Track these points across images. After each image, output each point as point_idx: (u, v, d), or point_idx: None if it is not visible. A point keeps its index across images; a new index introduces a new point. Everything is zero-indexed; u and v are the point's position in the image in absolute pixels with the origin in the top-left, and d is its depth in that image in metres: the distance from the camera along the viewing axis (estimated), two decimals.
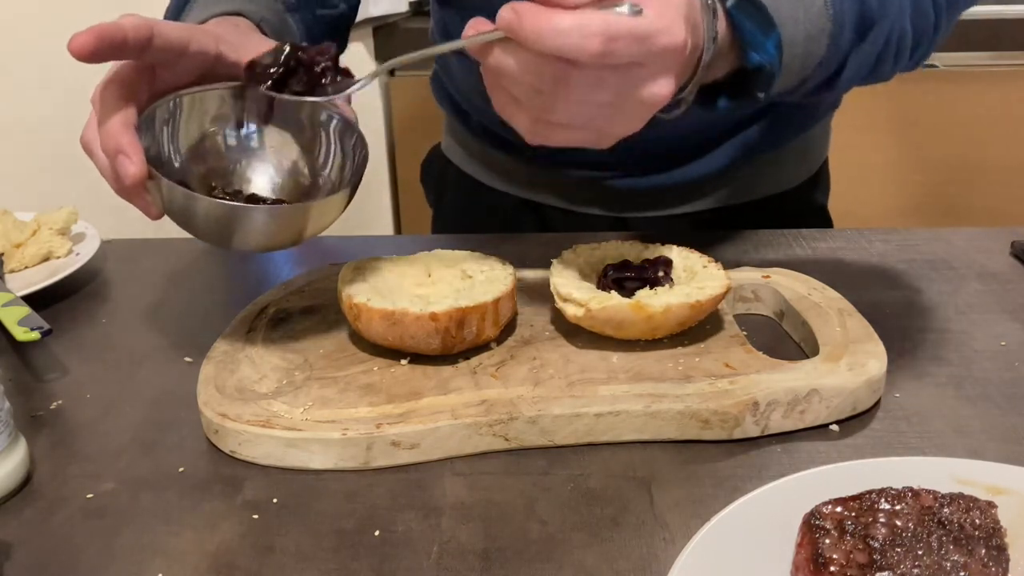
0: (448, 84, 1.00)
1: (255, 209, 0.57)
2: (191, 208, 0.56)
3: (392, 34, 1.80)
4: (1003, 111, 1.76)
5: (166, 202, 0.57)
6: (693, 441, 0.57)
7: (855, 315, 0.66)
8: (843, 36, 0.61)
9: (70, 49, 0.53)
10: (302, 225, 0.58)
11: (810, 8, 0.59)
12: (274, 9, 0.74)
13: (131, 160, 0.55)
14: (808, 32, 0.59)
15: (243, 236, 0.57)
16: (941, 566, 0.40)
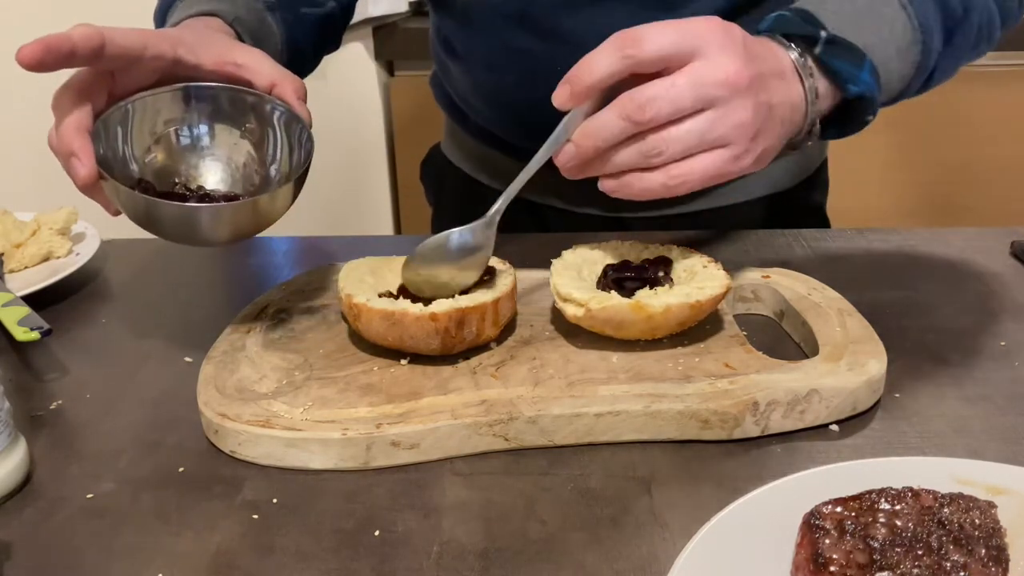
0: (447, 85, 1.00)
1: (202, 208, 0.59)
2: (142, 209, 0.59)
3: (392, 34, 1.80)
4: (1003, 111, 1.76)
5: (122, 203, 0.59)
6: (693, 441, 0.57)
7: (855, 315, 0.66)
8: (933, 40, 0.64)
9: (18, 59, 0.55)
10: (254, 218, 0.61)
11: (894, 24, 0.62)
12: (252, 8, 0.75)
13: (81, 163, 0.57)
14: (898, 47, 0.63)
15: (199, 233, 0.60)
16: (941, 566, 0.40)
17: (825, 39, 0.60)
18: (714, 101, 0.55)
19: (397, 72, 1.87)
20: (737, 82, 0.55)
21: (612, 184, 0.59)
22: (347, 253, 0.72)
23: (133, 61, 0.59)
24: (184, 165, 0.66)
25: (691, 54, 0.55)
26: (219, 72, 0.64)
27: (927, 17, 0.63)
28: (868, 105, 0.62)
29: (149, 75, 0.62)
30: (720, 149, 0.56)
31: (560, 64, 0.71)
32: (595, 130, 0.57)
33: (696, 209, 0.93)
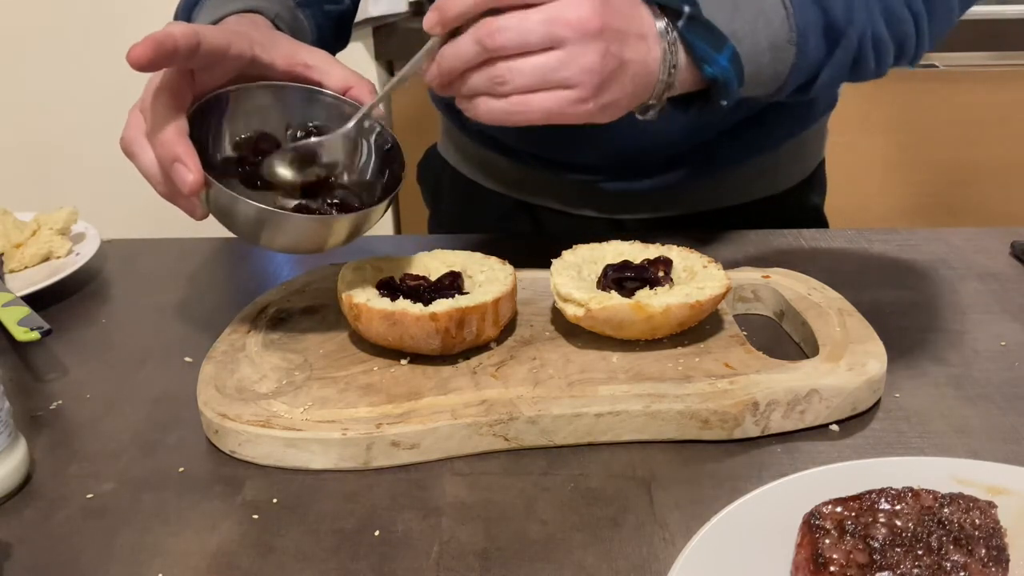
0: None
1: (290, 217, 0.59)
2: (233, 209, 0.58)
3: (392, 34, 1.80)
4: (1003, 111, 1.76)
5: (212, 203, 0.59)
6: (693, 441, 0.57)
7: (855, 315, 0.66)
8: (809, 44, 0.65)
9: (129, 59, 0.54)
10: (327, 236, 0.60)
11: (772, 21, 0.63)
12: (285, 5, 0.75)
13: (189, 169, 0.56)
14: (772, 43, 0.63)
15: (272, 238, 0.59)
16: (941, 566, 0.40)
17: (688, 15, 0.60)
18: (563, 41, 0.56)
19: (397, 72, 1.87)
20: (588, 27, 0.56)
21: (464, 104, 0.60)
22: (347, 253, 0.72)
23: (219, 59, 0.59)
24: (270, 164, 0.64)
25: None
26: (290, 72, 0.64)
27: (806, 20, 0.64)
28: (722, 90, 0.63)
29: (228, 73, 0.62)
30: (564, 90, 0.57)
31: None
32: (453, 52, 0.58)
33: (694, 211, 0.93)
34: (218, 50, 0.59)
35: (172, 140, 0.57)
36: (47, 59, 1.45)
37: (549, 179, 0.94)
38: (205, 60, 0.59)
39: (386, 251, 0.71)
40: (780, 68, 0.65)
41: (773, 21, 0.63)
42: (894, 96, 1.75)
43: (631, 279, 0.65)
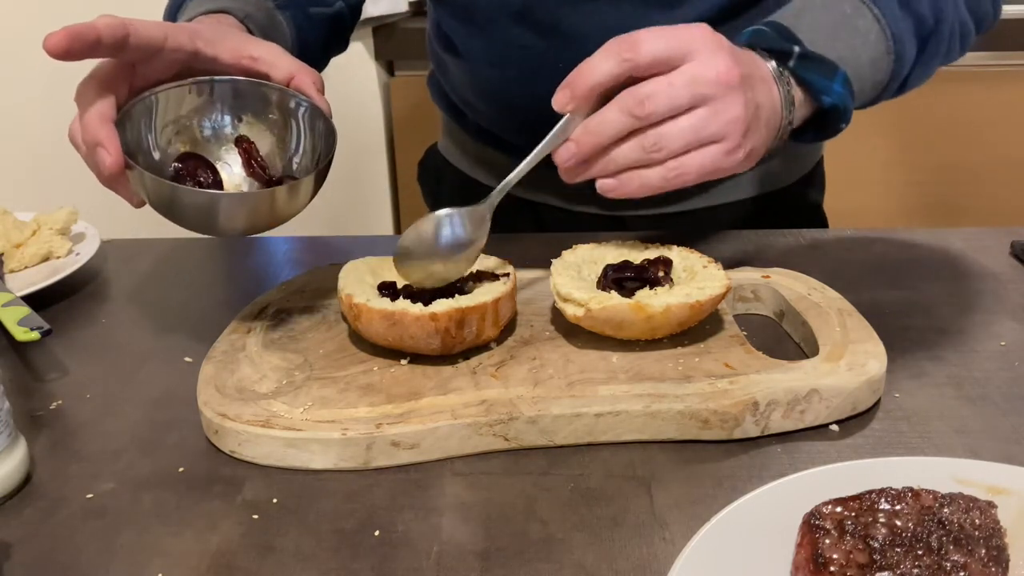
0: (444, 84, 0.99)
1: (225, 195, 0.61)
2: (167, 196, 0.59)
3: (392, 34, 1.80)
4: (1003, 111, 1.76)
5: (147, 192, 0.60)
6: (693, 441, 0.57)
7: (855, 315, 0.66)
8: (905, 50, 0.68)
9: (45, 47, 0.55)
10: (273, 210, 0.61)
11: (868, 36, 0.66)
12: (262, 6, 0.76)
13: (108, 151, 0.57)
14: (872, 58, 0.66)
15: (220, 222, 0.60)
16: (941, 566, 0.40)
17: (799, 54, 0.63)
18: (708, 99, 0.58)
19: (397, 72, 1.87)
20: (729, 80, 0.58)
21: (611, 183, 0.61)
22: (347, 253, 0.72)
23: (154, 52, 0.60)
24: (207, 157, 0.67)
25: (684, 56, 0.58)
26: (236, 66, 0.65)
27: (899, 29, 0.67)
28: (841, 114, 0.65)
29: (168, 67, 0.63)
30: (715, 144, 0.59)
31: (561, 61, 0.71)
32: (596, 126, 0.59)
33: (693, 208, 0.93)
34: (151, 43, 0.59)
35: (94, 125, 0.57)
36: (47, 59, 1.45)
37: (552, 175, 0.94)
38: (138, 53, 0.59)
39: (386, 251, 0.71)
40: (880, 78, 0.68)
41: (869, 37, 0.66)
42: None
43: (631, 279, 0.65)
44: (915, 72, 0.71)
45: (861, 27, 0.66)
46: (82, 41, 0.56)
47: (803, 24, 0.65)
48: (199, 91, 0.65)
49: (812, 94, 0.65)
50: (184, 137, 0.66)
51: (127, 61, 0.60)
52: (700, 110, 0.58)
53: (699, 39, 0.58)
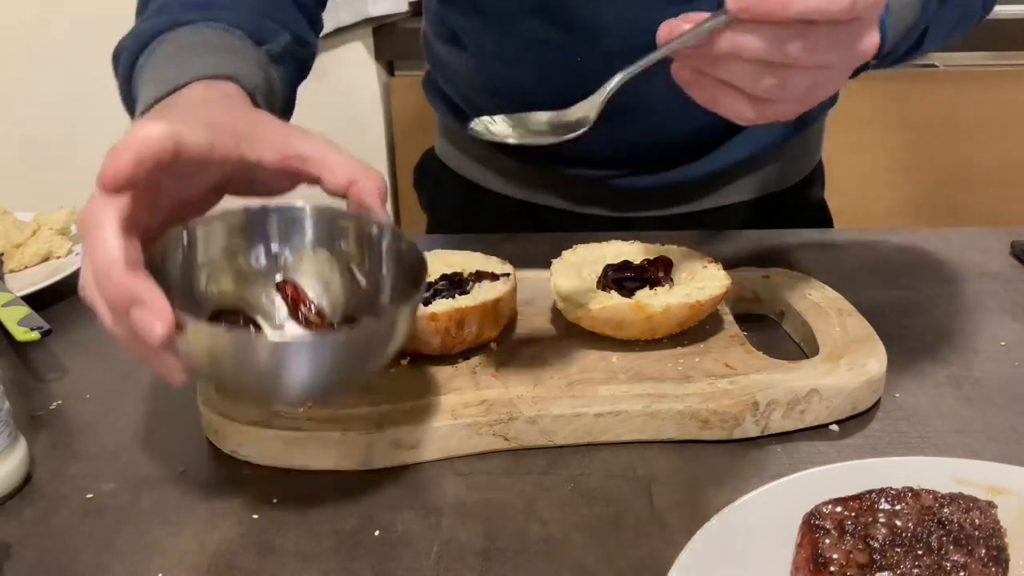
0: (444, 84, 0.98)
1: (323, 339, 0.46)
2: (231, 353, 0.43)
3: (392, 34, 1.80)
4: (1003, 111, 1.76)
5: (194, 354, 0.44)
6: (693, 441, 0.57)
7: (855, 315, 0.66)
8: (930, 2, 0.62)
9: (103, 185, 0.43)
10: (371, 352, 0.46)
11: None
12: (260, 64, 0.62)
13: (152, 311, 0.41)
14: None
15: (302, 377, 0.44)
16: (941, 566, 0.40)
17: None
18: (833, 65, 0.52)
19: (397, 72, 1.87)
20: (869, 53, 0.52)
21: (708, 95, 0.53)
22: None
23: (200, 167, 0.47)
24: (245, 310, 0.51)
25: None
26: (283, 168, 0.50)
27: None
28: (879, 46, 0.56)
29: (209, 180, 0.49)
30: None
31: (579, 55, 0.69)
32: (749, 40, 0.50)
33: (700, 208, 0.93)
34: (200, 156, 0.45)
35: (124, 278, 0.42)
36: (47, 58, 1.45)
37: (556, 176, 0.93)
38: (184, 169, 0.46)
39: None
40: (902, 26, 0.61)
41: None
42: (894, 96, 1.75)
43: (631, 279, 0.65)
44: (935, 23, 0.64)
45: None
46: (143, 167, 0.43)
47: None
48: (247, 221, 0.50)
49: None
50: (219, 283, 0.50)
51: (157, 180, 0.45)
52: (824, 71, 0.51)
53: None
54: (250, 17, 0.65)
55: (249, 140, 0.49)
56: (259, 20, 0.66)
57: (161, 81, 0.55)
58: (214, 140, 0.46)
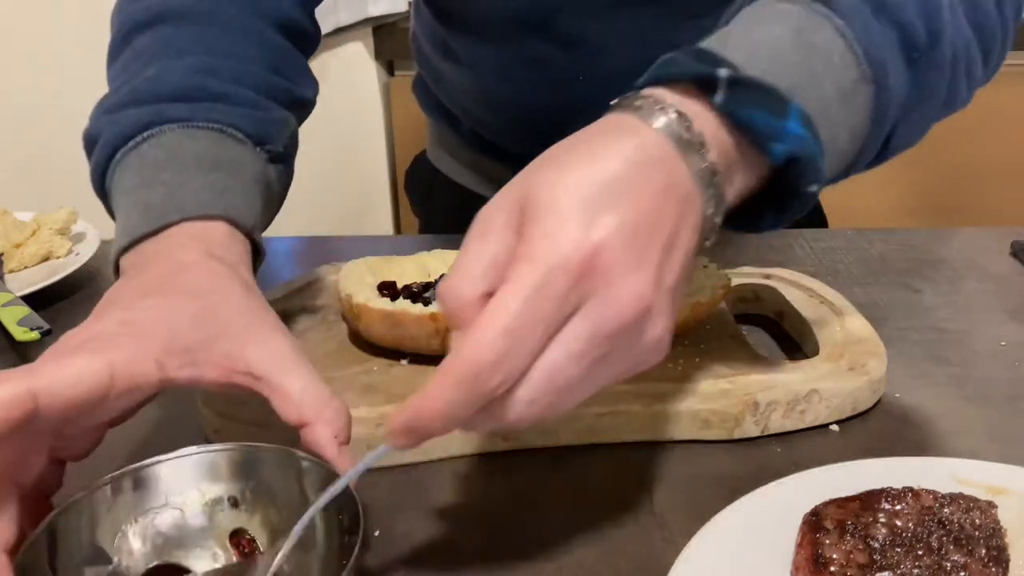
0: (438, 92, 0.96)
1: None
2: None
3: (391, 34, 1.80)
4: (1003, 111, 1.76)
5: None
6: (693, 441, 0.57)
7: (855, 315, 0.66)
8: (889, 77, 0.46)
9: None
10: None
11: (830, 57, 0.44)
12: (258, 177, 0.56)
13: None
14: (839, 88, 0.44)
15: None
16: (941, 566, 0.40)
17: (729, 80, 0.41)
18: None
19: (397, 72, 1.87)
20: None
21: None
22: (347, 253, 0.72)
23: (92, 409, 0.40)
24: (185, 566, 0.45)
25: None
26: (228, 384, 0.45)
27: (876, 45, 0.45)
28: (806, 168, 0.42)
29: (115, 412, 0.43)
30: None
31: (581, 73, 0.68)
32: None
33: None
34: (81, 403, 0.39)
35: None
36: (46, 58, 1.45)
37: None
38: (60, 423, 0.40)
39: (386, 251, 0.71)
40: (856, 120, 0.46)
41: (833, 59, 0.44)
42: None
43: None
44: (908, 113, 0.48)
45: (820, 44, 0.44)
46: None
47: (733, 43, 0.44)
48: (167, 471, 0.45)
49: (756, 142, 0.42)
50: (155, 539, 0.45)
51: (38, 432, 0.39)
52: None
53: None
54: (252, 107, 0.57)
55: (191, 353, 0.44)
56: (262, 112, 0.58)
57: (148, 208, 0.50)
58: (114, 373, 0.40)
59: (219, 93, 0.56)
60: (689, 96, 0.41)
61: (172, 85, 0.56)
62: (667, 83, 0.42)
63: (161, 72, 0.57)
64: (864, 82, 0.45)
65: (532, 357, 0.37)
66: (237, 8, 0.61)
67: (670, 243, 0.39)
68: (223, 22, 0.60)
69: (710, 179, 0.41)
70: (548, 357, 0.37)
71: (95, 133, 0.56)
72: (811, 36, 0.44)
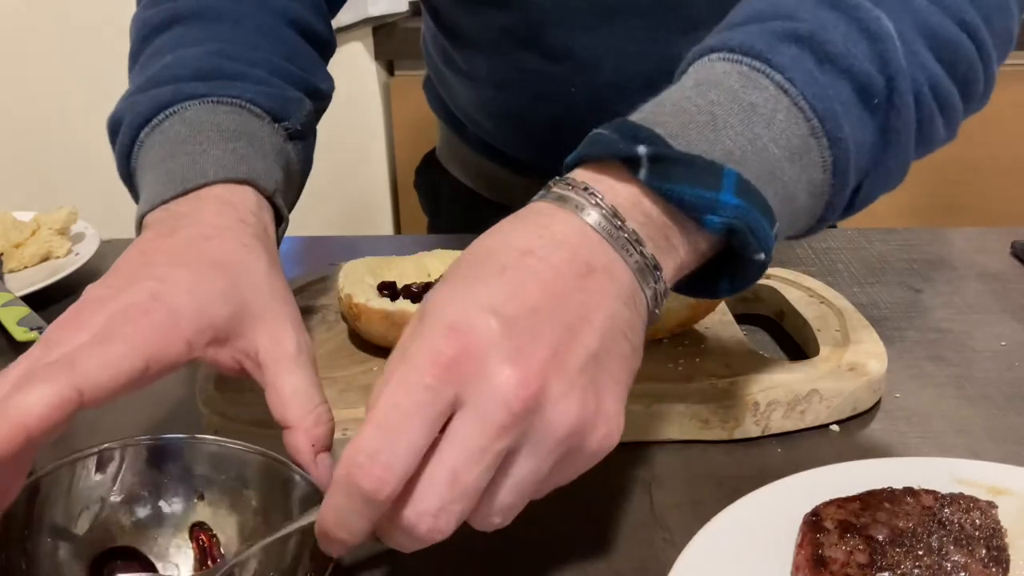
0: (444, 95, 0.97)
1: None
2: None
3: (391, 34, 1.80)
4: (1003, 111, 1.76)
5: None
6: (693, 441, 0.57)
7: (855, 315, 0.66)
8: (844, 127, 0.43)
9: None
10: None
11: (772, 116, 0.42)
12: (278, 148, 0.56)
13: None
14: (787, 147, 0.42)
15: None
16: (941, 566, 0.40)
17: (649, 156, 0.40)
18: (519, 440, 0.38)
19: (397, 72, 1.87)
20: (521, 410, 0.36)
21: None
22: (347, 253, 0.72)
23: (124, 393, 0.40)
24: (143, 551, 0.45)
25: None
26: (238, 371, 0.46)
27: (824, 95, 0.43)
28: (747, 238, 0.41)
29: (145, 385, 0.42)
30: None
31: (573, 85, 0.67)
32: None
33: None
34: (123, 391, 0.40)
35: None
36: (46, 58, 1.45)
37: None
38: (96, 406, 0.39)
39: (386, 251, 0.71)
40: (812, 175, 0.44)
41: (776, 117, 0.42)
42: None
43: None
44: (879, 161, 0.46)
45: (760, 103, 0.42)
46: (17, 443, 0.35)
47: (664, 114, 0.42)
48: (132, 455, 0.45)
49: (690, 216, 0.41)
50: (117, 524, 0.45)
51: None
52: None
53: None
54: (267, 86, 0.58)
55: (220, 334, 0.44)
56: (277, 89, 0.58)
57: (172, 176, 0.51)
58: (149, 357, 0.40)
59: (235, 72, 0.57)
60: (616, 176, 0.41)
61: (189, 68, 0.56)
62: (595, 162, 0.41)
63: (178, 58, 0.58)
64: (814, 136, 0.43)
65: (415, 454, 0.36)
66: (251, 8, 0.62)
67: (576, 323, 0.38)
68: (236, 19, 0.61)
69: (649, 272, 0.41)
70: (442, 457, 0.36)
71: (118, 117, 0.56)
72: (750, 96, 0.42)
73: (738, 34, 0.45)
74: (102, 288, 0.44)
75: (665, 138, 0.41)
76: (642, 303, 0.41)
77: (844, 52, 0.44)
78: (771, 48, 0.43)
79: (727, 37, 0.45)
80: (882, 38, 0.44)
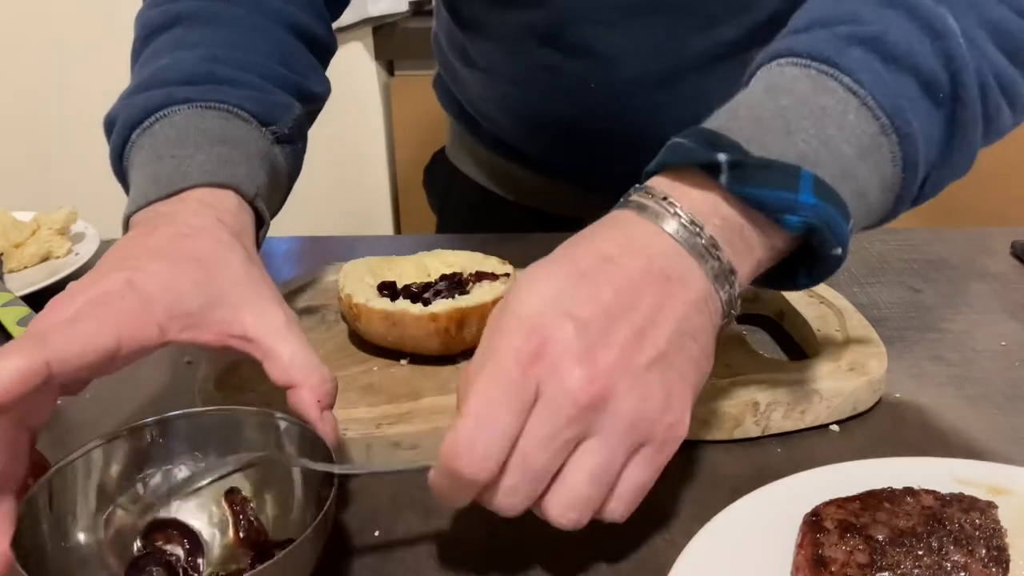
0: (457, 92, 0.96)
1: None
2: None
3: (392, 34, 1.80)
4: None
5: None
6: (693, 441, 0.57)
7: (855, 315, 0.66)
8: (912, 125, 0.45)
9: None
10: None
11: (843, 117, 0.45)
12: (263, 153, 0.58)
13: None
14: (859, 146, 0.45)
15: None
16: (941, 566, 0.40)
17: (729, 163, 0.43)
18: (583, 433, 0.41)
19: (397, 72, 1.87)
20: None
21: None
22: (347, 253, 0.72)
23: (98, 372, 0.43)
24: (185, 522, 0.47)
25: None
26: (224, 348, 0.48)
27: (892, 94, 0.45)
28: (825, 235, 0.44)
29: (118, 368, 0.45)
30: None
31: (593, 81, 0.66)
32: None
33: None
34: (94, 366, 0.41)
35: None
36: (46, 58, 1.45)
37: (574, 193, 0.89)
38: (71, 385, 0.44)
39: (386, 251, 0.71)
40: (883, 173, 0.47)
41: (847, 118, 0.45)
42: None
43: None
44: (946, 153, 0.49)
45: (831, 106, 0.45)
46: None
47: (739, 120, 0.45)
48: (150, 435, 0.48)
49: (770, 217, 0.44)
50: (142, 503, 0.47)
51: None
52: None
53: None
54: (257, 90, 0.59)
55: (190, 317, 0.46)
56: (267, 93, 0.60)
57: (157, 179, 0.53)
58: (120, 337, 0.43)
59: (225, 78, 0.59)
60: (695, 182, 0.44)
61: (182, 72, 0.58)
62: (674, 169, 0.45)
63: (173, 62, 0.60)
64: (884, 133, 0.45)
65: (507, 442, 0.39)
66: (248, 10, 0.64)
67: (645, 326, 0.41)
68: (232, 21, 0.63)
69: (724, 277, 0.44)
70: (520, 443, 0.39)
71: (113, 117, 0.58)
72: (821, 99, 0.45)
73: (804, 39, 0.47)
74: (82, 281, 0.46)
75: (742, 144, 0.43)
76: (716, 307, 0.44)
77: (909, 51, 0.45)
78: (838, 52, 0.45)
79: (793, 42, 0.47)
80: (946, 35, 0.46)
